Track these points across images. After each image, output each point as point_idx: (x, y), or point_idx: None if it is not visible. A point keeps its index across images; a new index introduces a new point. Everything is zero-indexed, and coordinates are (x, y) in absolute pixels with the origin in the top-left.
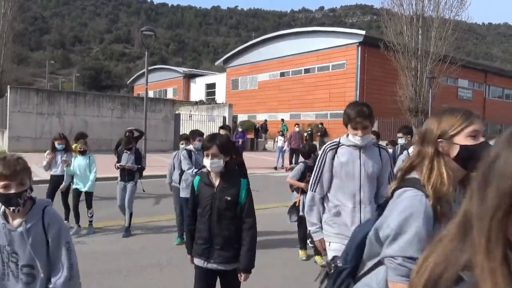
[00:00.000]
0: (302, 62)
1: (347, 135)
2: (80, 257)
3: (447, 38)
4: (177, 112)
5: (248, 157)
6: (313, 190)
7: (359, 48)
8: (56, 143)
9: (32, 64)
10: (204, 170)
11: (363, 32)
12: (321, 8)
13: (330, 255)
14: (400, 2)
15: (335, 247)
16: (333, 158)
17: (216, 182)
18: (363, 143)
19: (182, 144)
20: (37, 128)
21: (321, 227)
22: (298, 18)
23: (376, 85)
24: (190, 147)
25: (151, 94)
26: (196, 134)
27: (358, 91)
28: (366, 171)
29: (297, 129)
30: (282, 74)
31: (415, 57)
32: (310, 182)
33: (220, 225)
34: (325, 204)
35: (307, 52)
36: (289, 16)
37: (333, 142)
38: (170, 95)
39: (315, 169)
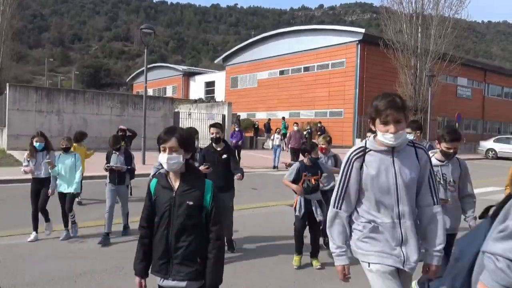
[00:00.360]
0: (301, 60)
1: (374, 136)
2: (79, 256)
3: (446, 36)
4: (176, 110)
5: (247, 155)
6: (338, 207)
7: (359, 46)
8: (34, 141)
9: (31, 62)
10: (162, 170)
11: (362, 30)
12: (321, 6)
13: (372, 279)
14: (400, 0)
15: (377, 269)
16: (360, 168)
17: (176, 184)
18: (396, 142)
19: None
20: (36, 126)
21: (347, 251)
22: (298, 16)
23: (375, 83)
24: None
25: (150, 92)
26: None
27: (357, 90)
28: (403, 181)
29: (296, 128)
30: (281, 72)
31: (414, 55)
32: (333, 197)
33: (180, 235)
34: (354, 220)
35: (307, 50)
36: (288, 14)
37: (359, 148)
38: (169, 93)
39: (338, 181)
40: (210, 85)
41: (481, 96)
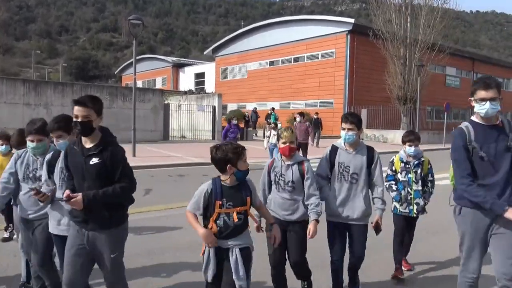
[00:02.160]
0: (291, 51)
1: None
2: None
3: (435, 26)
4: (166, 102)
5: None
6: None
7: (348, 36)
8: None
9: (17, 54)
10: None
11: (352, 21)
12: None
13: None
14: None
15: None
16: None
17: None
18: None
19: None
20: (24, 119)
21: None
22: (287, 6)
23: (365, 73)
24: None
25: (139, 84)
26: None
27: (347, 80)
28: None
29: (298, 119)
30: (271, 63)
31: (403, 45)
32: None
33: None
34: None
35: (297, 40)
36: (278, 4)
37: None
38: (159, 85)
39: None
40: (200, 76)
41: (470, 85)
